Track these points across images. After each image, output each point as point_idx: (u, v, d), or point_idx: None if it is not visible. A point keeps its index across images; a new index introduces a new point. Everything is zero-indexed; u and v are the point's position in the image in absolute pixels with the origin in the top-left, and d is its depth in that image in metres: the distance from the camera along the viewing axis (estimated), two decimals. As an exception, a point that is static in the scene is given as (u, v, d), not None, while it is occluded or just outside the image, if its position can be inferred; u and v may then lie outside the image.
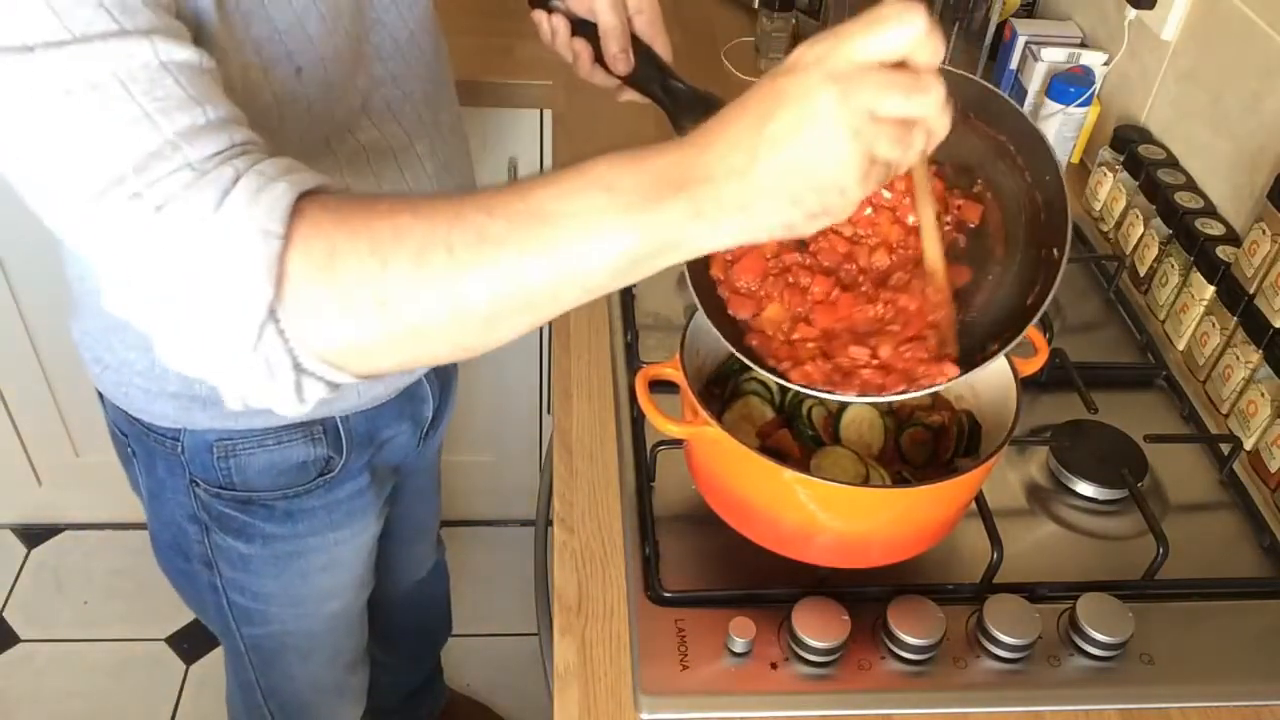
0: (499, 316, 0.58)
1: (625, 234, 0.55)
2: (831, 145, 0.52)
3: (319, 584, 1.11)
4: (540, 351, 1.81)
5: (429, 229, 0.56)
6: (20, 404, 1.85)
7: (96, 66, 0.55)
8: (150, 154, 0.55)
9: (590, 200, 0.55)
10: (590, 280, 0.57)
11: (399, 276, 0.56)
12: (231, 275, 0.56)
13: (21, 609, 1.98)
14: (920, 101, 0.52)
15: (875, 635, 0.86)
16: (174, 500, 1.00)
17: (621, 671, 0.84)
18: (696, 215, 0.54)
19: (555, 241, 0.55)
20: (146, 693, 1.86)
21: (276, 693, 1.23)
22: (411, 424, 1.09)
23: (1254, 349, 1.06)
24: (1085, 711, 0.84)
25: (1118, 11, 1.35)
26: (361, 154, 0.83)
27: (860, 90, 0.51)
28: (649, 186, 0.55)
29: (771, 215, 0.54)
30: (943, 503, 0.84)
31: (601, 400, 1.06)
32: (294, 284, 0.56)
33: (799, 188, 0.53)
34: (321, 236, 0.56)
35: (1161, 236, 1.21)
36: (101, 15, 0.55)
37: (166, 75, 0.56)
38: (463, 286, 0.56)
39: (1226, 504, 1.01)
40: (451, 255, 0.56)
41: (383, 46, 0.84)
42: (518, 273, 0.56)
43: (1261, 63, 1.13)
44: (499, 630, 1.96)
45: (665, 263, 0.57)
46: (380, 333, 0.58)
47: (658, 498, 0.96)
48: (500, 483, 2.01)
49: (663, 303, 1.19)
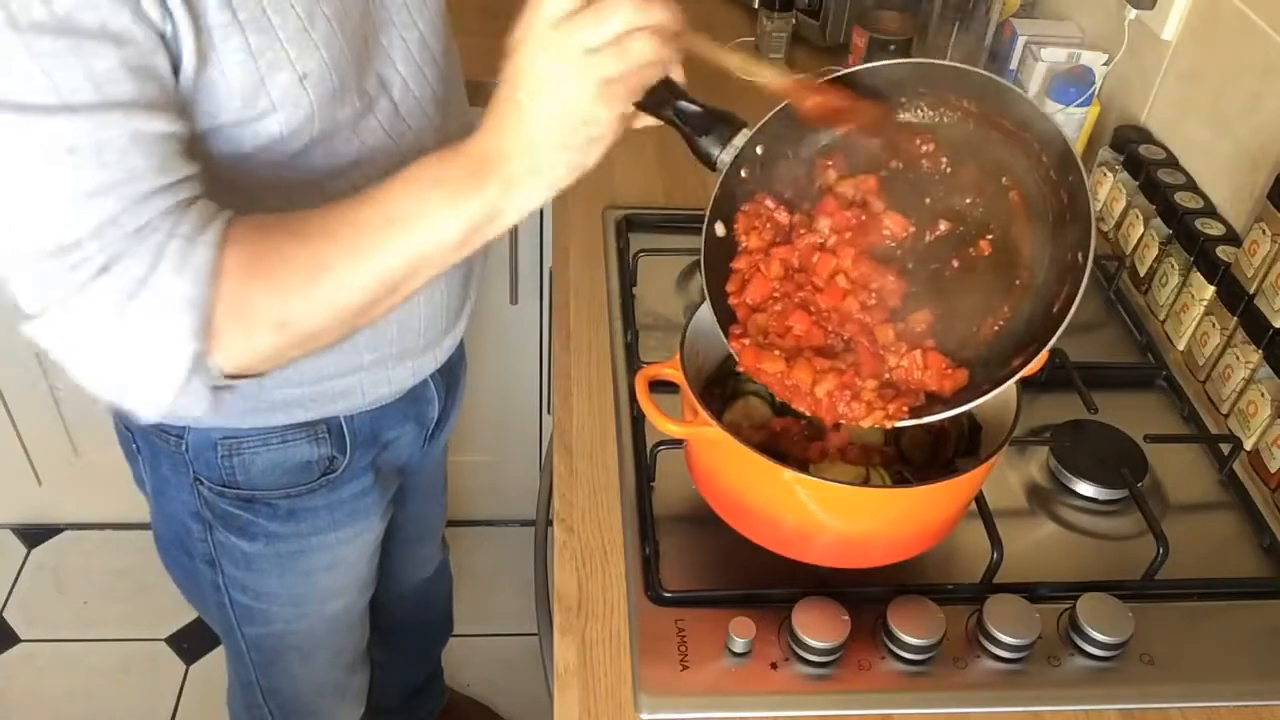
0: (374, 304, 0.71)
1: (460, 217, 0.68)
2: (563, 89, 0.63)
3: (322, 583, 1.11)
4: (540, 351, 1.81)
5: (312, 256, 0.69)
6: (20, 404, 1.85)
7: (75, 134, 0.61)
8: (109, 220, 0.63)
9: (428, 197, 0.68)
10: (441, 258, 0.70)
11: (296, 301, 0.69)
12: (166, 334, 0.66)
13: (21, 609, 1.98)
14: (610, 21, 0.62)
15: (875, 635, 0.86)
16: (178, 498, 1.00)
17: (621, 671, 0.84)
18: (508, 185, 0.67)
19: (410, 238, 0.69)
20: (146, 693, 1.86)
21: (276, 692, 1.23)
22: (416, 425, 1.09)
23: (1254, 349, 1.06)
24: (1085, 711, 0.84)
25: (1118, 11, 1.35)
26: (367, 155, 0.84)
27: (558, 41, 0.63)
28: (469, 173, 0.68)
29: (557, 164, 0.67)
30: (943, 503, 0.84)
31: (601, 400, 1.06)
32: (217, 334, 0.68)
33: (562, 132, 0.65)
34: (236, 286, 0.67)
35: (1161, 236, 1.21)
36: (87, 85, 0.61)
37: (136, 147, 0.64)
38: (344, 295, 0.69)
39: (1226, 504, 1.01)
40: (332, 274, 0.69)
41: (393, 47, 0.85)
42: (384, 270, 0.69)
43: (1261, 63, 1.13)
44: (499, 630, 1.96)
45: (497, 229, 0.70)
46: (279, 345, 0.70)
47: (658, 498, 0.96)
48: (500, 483, 2.01)
49: (663, 303, 1.19)
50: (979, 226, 0.81)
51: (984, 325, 0.80)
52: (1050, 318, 0.75)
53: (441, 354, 1.03)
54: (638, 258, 1.21)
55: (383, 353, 0.95)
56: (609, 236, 1.27)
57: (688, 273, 1.23)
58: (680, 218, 1.30)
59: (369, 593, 1.21)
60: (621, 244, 1.25)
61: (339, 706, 1.31)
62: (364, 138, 0.83)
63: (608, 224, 1.29)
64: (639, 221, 1.29)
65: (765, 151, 0.82)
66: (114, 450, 1.07)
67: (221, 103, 0.71)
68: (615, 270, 1.21)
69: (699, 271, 0.85)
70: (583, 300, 1.18)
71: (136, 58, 0.63)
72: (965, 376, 0.79)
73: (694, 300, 1.16)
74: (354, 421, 1.00)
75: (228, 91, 0.70)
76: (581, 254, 1.25)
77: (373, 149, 0.84)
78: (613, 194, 1.34)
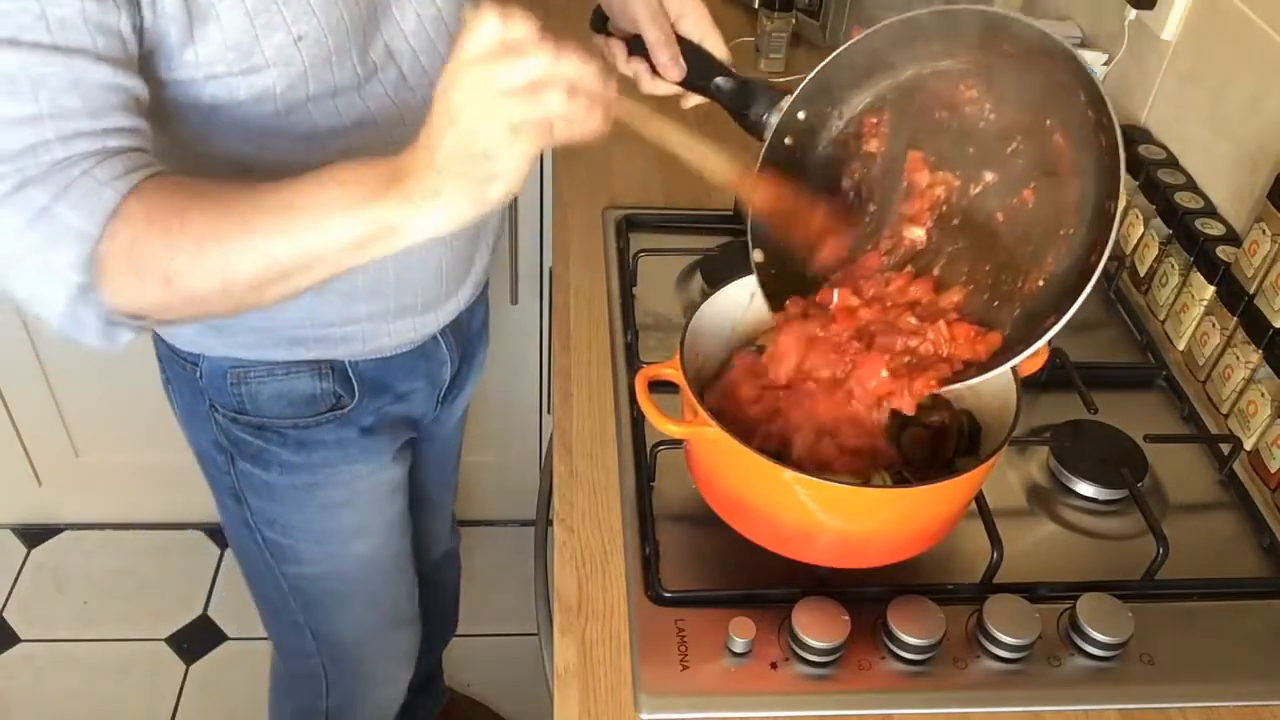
0: (262, 286, 0.72)
1: (351, 221, 0.69)
2: (470, 124, 0.65)
3: (342, 520, 1.15)
4: (540, 351, 1.81)
5: (207, 221, 0.71)
6: (20, 404, 1.85)
7: (17, 65, 0.66)
8: (28, 148, 0.67)
9: (325, 194, 0.70)
10: (333, 259, 0.71)
11: (182, 259, 0.71)
12: (52, 261, 0.70)
13: (21, 609, 1.98)
14: (523, 66, 0.64)
15: (875, 635, 0.86)
16: (201, 426, 1.07)
17: (621, 671, 0.84)
18: (405, 202, 0.69)
19: (298, 227, 0.70)
20: (146, 693, 1.86)
21: (320, 635, 1.27)
22: (428, 382, 1.13)
23: (1254, 349, 1.06)
24: (1085, 711, 0.84)
25: (1118, 11, 1.35)
26: (370, 118, 0.87)
27: (472, 77, 0.65)
28: (373, 182, 0.69)
29: (457, 192, 0.68)
30: (943, 503, 0.84)
31: (601, 400, 1.06)
32: (105, 272, 0.70)
33: (464, 164, 0.67)
34: (128, 230, 0.70)
35: (1161, 236, 1.21)
36: (39, 24, 0.65)
37: (74, 90, 0.68)
38: (229, 266, 0.71)
39: (1226, 504, 1.01)
40: (220, 244, 0.71)
41: (405, 20, 0.88)
42: (270, 254, 0.71)
43: (1261, 63, 1.13)
44: (499, 630, 1.96)
45: (395, 245, 0.70)
46: (167, 299, 0.73)
47: (658, 498, 0.96)
48: (500, 483, 2.01)
49: (663, 303, 1.19)
50: (1023, 175, 0.80)
51: (1030, 280, 0.79)
52: (1087, 269, 0.74)
53: (444, 315, 1.06)
54: (638, 258, 1.21)
55: (380, 307, 0.99)
56: (609, 236, 1.27)
57: (688, 273, 1.23)
58: (680, 218, 1.30)
59: (399, 539, 1.24)
60: (621, 244, 1.25)
61: (383, 661, 1.34)
62: (369, 102, 0.87)
63: (608, 224, 1.29)
64: (639, 221, 1.29)
65: (808, 116, 0.82)
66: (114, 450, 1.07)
67: (218, 54, 0.76)
68: (615, 270, 1.21)
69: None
70: (583, 300, 1.18)
71: (97, 13, 0.67)
72: (999, 338, 0.79)
73: (694, 300, 1.16)
74: (358, 367, 1.04)
75: (224, 44, 0.75)
76: (581, 254, 1.25)
77: (375, 113, 0.87)
78: (613, 194, 1.34)
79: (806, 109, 0.82)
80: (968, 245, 0.82)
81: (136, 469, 1.96)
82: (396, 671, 1.37)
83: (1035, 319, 0.78)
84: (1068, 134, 0.79)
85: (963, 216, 0.82)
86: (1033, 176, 0.80)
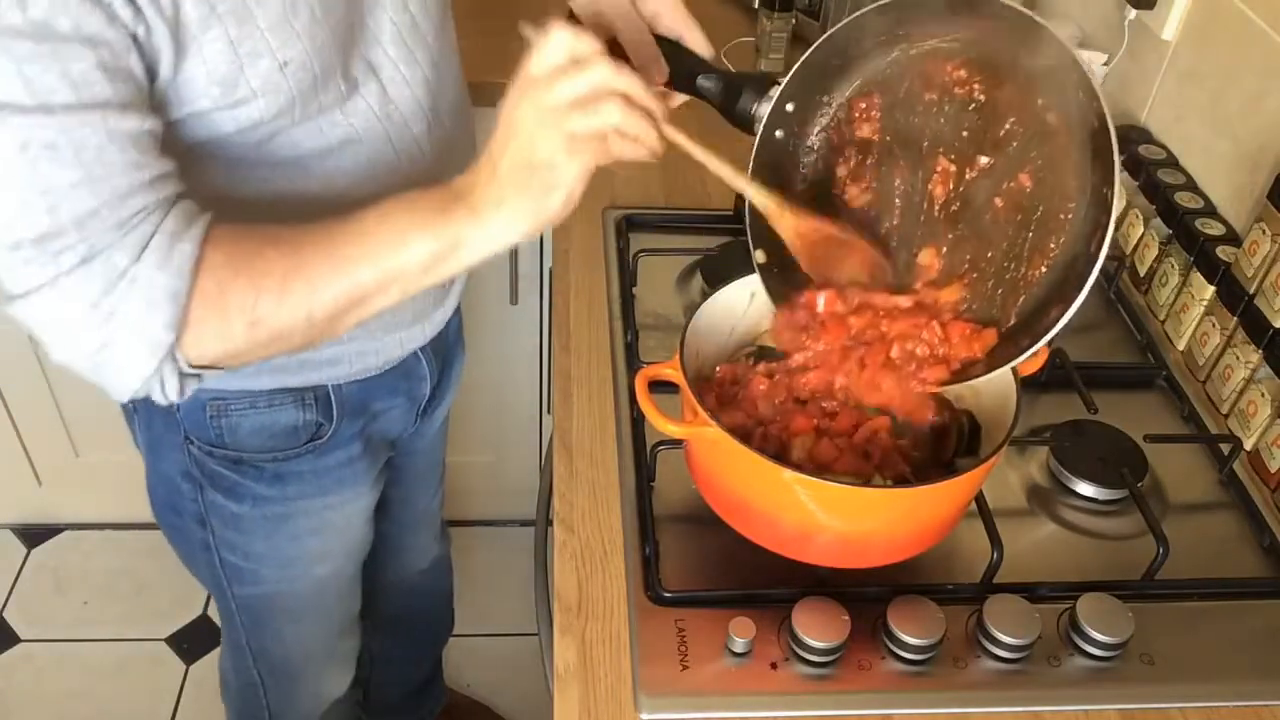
0: (341, 314, 0.75)
1: (425, 236, 0.72)
2: (530, 134, 0.69)
3: (309, 547, 1.12)
4: (540, 351, 1.81)
5: (288, 259, 0.73)
6: (20, 404, 1.85)
7: (54, 131, 0.65)
8: (89, 213, 0.67)
9: (398, 219, 0.73)
10: (410, 279, 0.74)
11: (268, 299, 0.72)
12: (145, 323, 0.70)
13: (21, 609, 1.98)
14: (582, 79, 0.67)
15: (875, 635, 0.86)
16: (170, 456, 1.03)
17: (621, 671, 0.84)
18: (473, 215, 0.72)
19: (378, 253, 0.73)
20: (146, 693, 1.86)
21: (265, 654, 1.24)
22: (407, 399, 1.11)
23: (1254, 349, 1.06)
24: (1085, 711, 0.84)
25: (1118, 11, 1.35)
26: (354, 136, 0.85)
27: (536, 92, 0.68)
28: (439, 202, 0.73)
29: (519, 202, 0.71)
30: (943, 503, 0.84)
31: (601, 400, 1.06)
32: (190, 326, 0.72)
33: (525, 175, 0.70)
34: (213, 279, 0.72)
35: (1161, 236, 1.21)
36: (65, 86, 0.64)
37: (112, 144, 0.67)
38: (315, 297, 0.73)
39: (1226, 504, 1.01)
40: (305, 279, 0.73)
41: (382, 30, 0.86)
42: (352, 280, 0.73)
43: (1261, 63, 1.13)
44: (499, 630, 1.96)
45: (463, 259, 0.73)
46: (251, 341, 0.74)
47: (658, 498, 0.96)
48: (500, 483, 2.01)
49: (663, 303, 1.19)
50: (1019, 157, 0.79)
51: (1032, 266, 0.79)
52: (1090, 257, 0.73)
53: (430, 328, 1.05)
54: (638, 258, 1.21)
55: (370, 324, 0.96)
56: (609, 236, 1.27)
57: (688, 273, 1.23)
58: (680, 218, 1.30)
59: (358, 559, 1.22)
60: (621, 244, 1.25)
61: (327, 671, 1.32)
62: (352, 119, 0.85)
63: (608, 224, 1.29)
64: (639, 221, 1.29)
65: (797, 107, 0.82)
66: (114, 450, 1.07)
67: (202, 89, 0.73)
68: (615, 270, 1.21)
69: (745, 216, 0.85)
70: (583, 300, 1.18)
71: (110, 59, 0.66)
72: (994, 335, 0.79)
73: (694, 300, 1.16)
74: (342, 390, 1.01)
75: (208, 79, 0.73)
76: (581, 254, 1.25)
77: (360, 130, 0.86)
78: (613, 194, 1.34)
79: (795, 100, 0.81)
80: (970, 231, 0.81)
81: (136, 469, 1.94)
82: (340, 674, 1.35)
83: (1041, 309, 0.77)
84: (1061, 115, 0.78)
85: (962, 201, 0.81)
86: (1029, 159, 0.79)
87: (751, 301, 0.94)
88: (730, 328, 0.94)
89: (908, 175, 0.84)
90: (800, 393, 0.88)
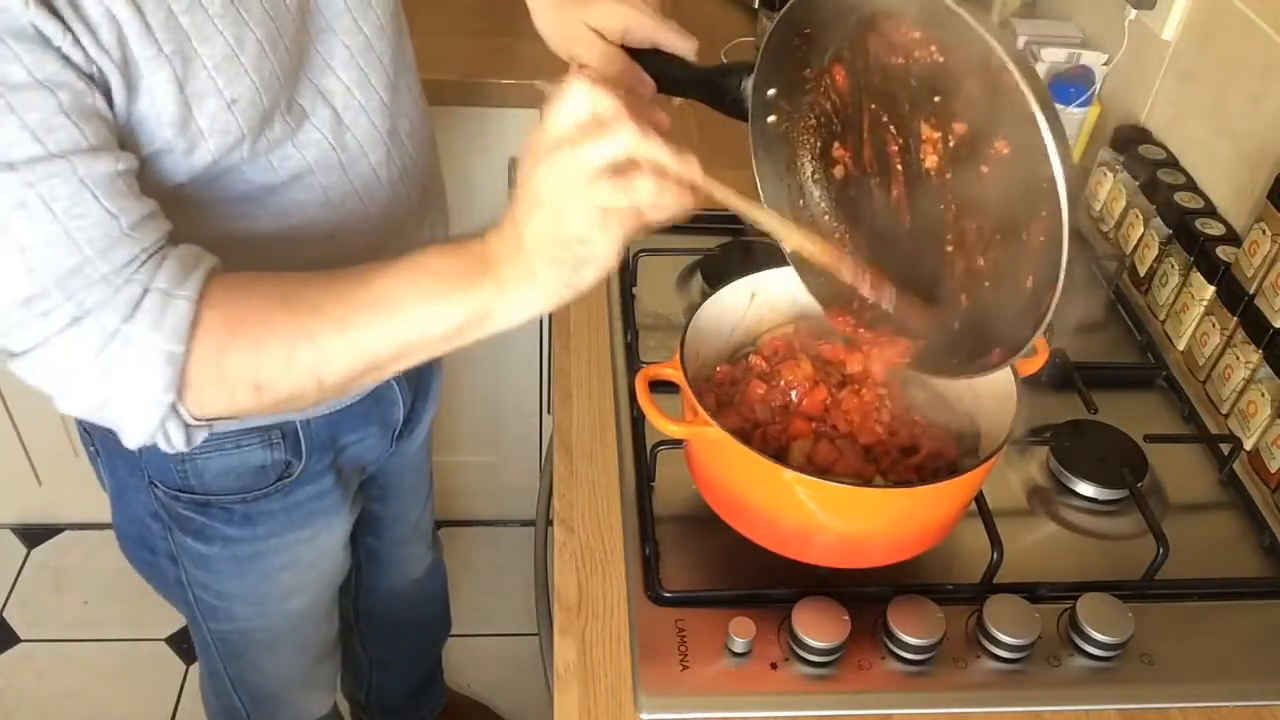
0: (354, 379, 0.71)
1: (449, 310, 0.68)
2: (558, 207, 0.63)
3: (283, 582, 1.11)
4: (540, 351, 1.81)
5: (295, 323, 0.69)
6: (20, 404, 1.86)
7: (20, 188, 0.61)
8: (70, 270, 0.64)
9: (420, 286, 0.68)
10: (428, 346, 0.70)
11: (273, 365, 0.69)
12: (143, 384, 0.67)
13: (21, 609, 1.98)
14: (610, 142, 0.61)
15: (875, 635, 0.86)
16: (136, 499, 1.01)
17: (621, 671, 0.84)
18: (499, 286, 0.67)
19: (396, 323, 0.69)
20: (146, 693, 1.86)
21: (244, 683, 1.24)
22: (380, 427, 1.09)
23: (1254, 349, 1.06)
24: (1085, 711, 0.84)
25: (1118, 11, 1.35)
26: (306, 169, 0.82)
27: (560, 158, 0.62)
28: (463, 270, 0.68)
29: (550, 274, 0.66)
30: (943, 503, 0.84)
31: (601, 400, 1.06)
32: (190, 386, 0.69)
33: (554, 249, 0.64)
34: (211, 342, 0.68)
35: (1161, 236, 1.21)
36: (25, 137, 0.61)
37: (85, 192, 0.63)
38: (324, 366, 0.70)
39: (1226, 504, 1.01)
40: (314, 345, 0.69)
41: (333, 56, 0.83)
42: (368, 349, 0.69)
43: (1261, 63, 1.13)
44: (499, 630, 1.96)
45: (488, 329, 0.70)
46: (258, 404, 0.71)
47: (658, 498, 0.96)
48: (500, 483, 2.01)
49: (663, 303, 1.19)
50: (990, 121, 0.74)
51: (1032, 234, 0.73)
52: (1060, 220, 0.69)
53: None
54: (638, 258, 1.21)
55: None
56: (609, 236, 1.26)
57: (688, 273, 1.23)
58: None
59: (334, 587, 1.21)
60: (621, 244, 1.25)
61: (307, 696, 1.31)
62: (304, 151, 0.82)
63: (608, 224, 1.28)
64: (639, 221, 1.29)
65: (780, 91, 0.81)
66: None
67: (154, 132, 0.70)
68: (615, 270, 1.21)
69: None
70: (583, 300, 1.18)
71: (72, 100, 0.63)
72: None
73: (694, 300, 1.16)
74: (311, 426, 0.99)
75: (158, 121, 0.70)
76: (581, 254, 1.24)
77: (313, 163, 0.83)
78: (613, 194, 1.33)
79: (776, 85, 0.80)
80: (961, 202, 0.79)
81: (136, 469, 1.96)
82: (322, 696, 1.34)
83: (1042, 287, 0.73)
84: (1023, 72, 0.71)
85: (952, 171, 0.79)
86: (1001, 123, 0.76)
87: (751, 301, 0.94)
88: (730, 328, 0.95)
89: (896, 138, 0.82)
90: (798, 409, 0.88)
